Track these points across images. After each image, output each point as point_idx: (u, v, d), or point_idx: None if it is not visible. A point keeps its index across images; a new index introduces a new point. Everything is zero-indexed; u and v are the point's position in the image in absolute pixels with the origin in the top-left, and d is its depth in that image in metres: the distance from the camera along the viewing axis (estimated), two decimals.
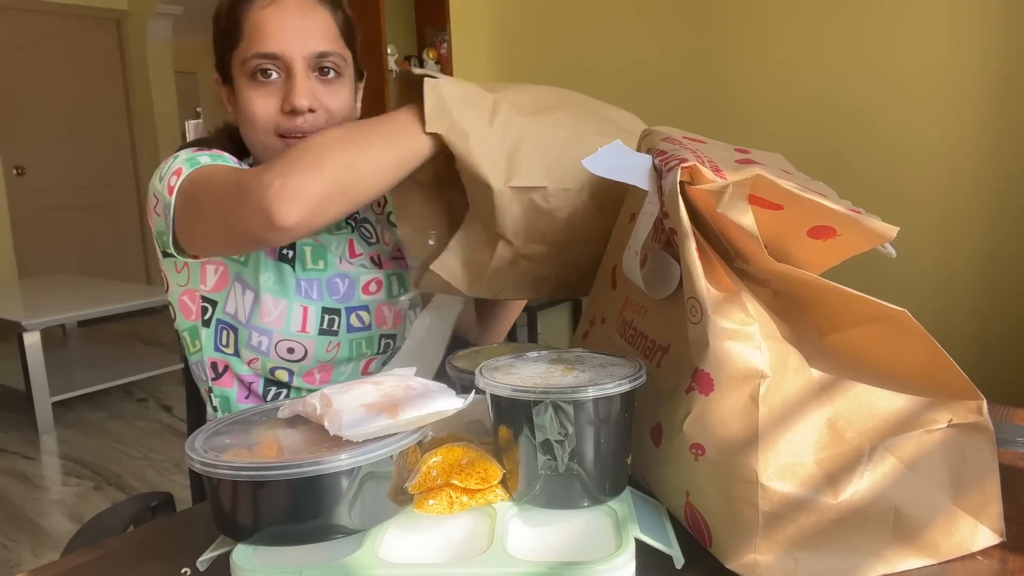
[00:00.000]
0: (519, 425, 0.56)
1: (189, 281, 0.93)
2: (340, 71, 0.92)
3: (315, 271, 0.94)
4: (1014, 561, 0.53)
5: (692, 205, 0.57)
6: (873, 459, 0.52)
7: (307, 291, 0.93)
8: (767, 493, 0.50)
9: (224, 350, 0.94)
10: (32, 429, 3.20)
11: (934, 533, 0.53)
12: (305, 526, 0.51)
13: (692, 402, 0.54)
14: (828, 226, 0.56)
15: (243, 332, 0.92)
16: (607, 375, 0.57)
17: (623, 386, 0.54)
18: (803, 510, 0.51)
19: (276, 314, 0.91)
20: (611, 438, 0.56)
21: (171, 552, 0.60)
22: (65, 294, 3.67)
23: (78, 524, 2.39)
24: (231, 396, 0.96)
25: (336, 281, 0.96)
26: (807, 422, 0.53)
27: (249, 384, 0.95)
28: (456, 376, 0.74)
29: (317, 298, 0.93)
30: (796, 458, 0.51)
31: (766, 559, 0.51)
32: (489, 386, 0.56)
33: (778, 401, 0.52)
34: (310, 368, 0.94)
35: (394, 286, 1.02)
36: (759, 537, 0.51)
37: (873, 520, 0.52)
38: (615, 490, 0.57)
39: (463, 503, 0.56)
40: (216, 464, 0.51)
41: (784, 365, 0.54)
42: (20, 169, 5.10)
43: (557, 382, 0.56)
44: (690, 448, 0.54)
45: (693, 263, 0.54)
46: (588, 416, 0.54)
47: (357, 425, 0.52)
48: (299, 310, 0.91)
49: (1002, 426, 0.76)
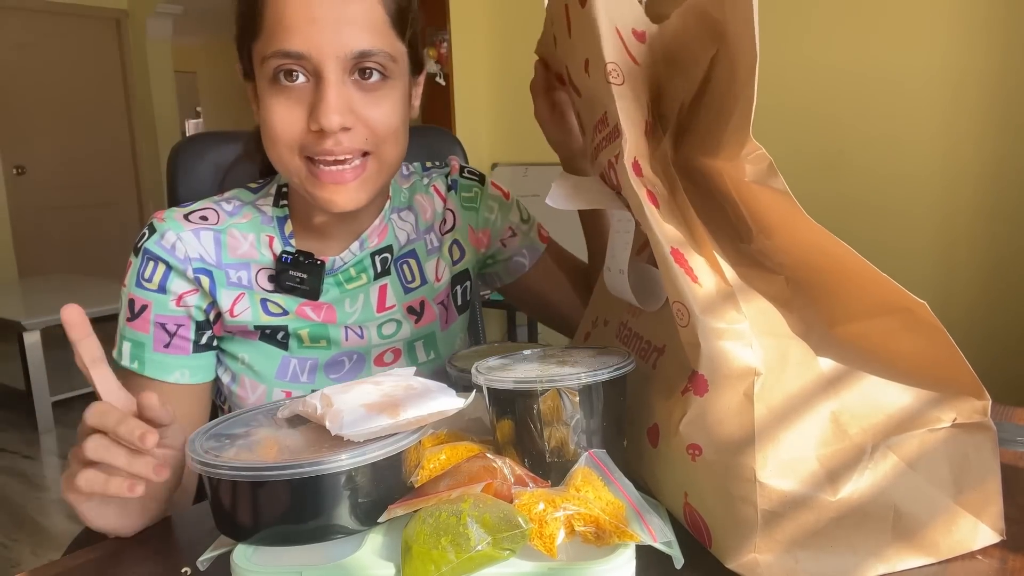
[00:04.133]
0: (522, 417, 0.57)
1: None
2: (387, 73, 0.71)
3: (314, 349, 0.80)
4: (1014, 560, 0.53)
5: (703, 179, 0.57)
6: (875, 457, 0.52)
7: (296, 373, 0.79)
8: (766, 491, 0.50)
9: (221, 405, 0.86)
10: (32, 429, 3.20)
11: (934, 532, 0.53)
12: (305, 526, 0.51)
13: (688, 403, 0.54)
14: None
15: (225, 410, 0.84)
16: (601, 363, 0.59)
17: (622, 369, 0.58)
18: (802, 508, 0.51)
19: (254, 399, 0.79)
20: (611, 421, 0.59)
21: (171, 552, 0.60)
22: (65, 294, 3.67)
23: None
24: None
25: (341, 360, 0.82)
26: (810, 417, 0.52)
27: None
28: (456, 376, 0.74)
29: (308, 381, 0.80)
30: (796, 454, 0.51)
31: (766, 558, 0.51)
32: (491, 382, 0.57)
33: (777, 397, 0.52)
34: None
35: (418, 353, 0.86)
36: (758, 536, 0.51)
37: (873, 519, 0.52)
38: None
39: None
40: (216, 464, 0.51)
41: (783, 360, 0.53)
42: (20, 169, 5.10)
43: (557, 372, 0.58)
44: (687, 449, 0.54)
45: (670, 267, 0.54)
46: (591, 400, 0.57)
47: (358, 425, 0.52)
48: (281, 396, 0.78)
49: (1002, 425, 0.76)
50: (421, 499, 0.52)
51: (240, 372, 0.80)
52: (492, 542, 0.47)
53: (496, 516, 0.48)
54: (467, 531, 0.47)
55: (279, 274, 0.78)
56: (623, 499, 0.53)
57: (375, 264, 0.83)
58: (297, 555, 0.52)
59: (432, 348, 0.88)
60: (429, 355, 0.87)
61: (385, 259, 0.84)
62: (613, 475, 0.55)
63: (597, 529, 0.51)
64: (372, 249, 0.83)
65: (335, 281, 0.81)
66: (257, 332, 0.79)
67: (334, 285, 0.81)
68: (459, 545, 0.47)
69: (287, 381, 0.79)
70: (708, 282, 0.54)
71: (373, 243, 0.83)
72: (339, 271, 0.81)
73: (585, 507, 0.51)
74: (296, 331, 0.79)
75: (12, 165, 5.05)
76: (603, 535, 0.50)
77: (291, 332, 0.79)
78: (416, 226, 0.88)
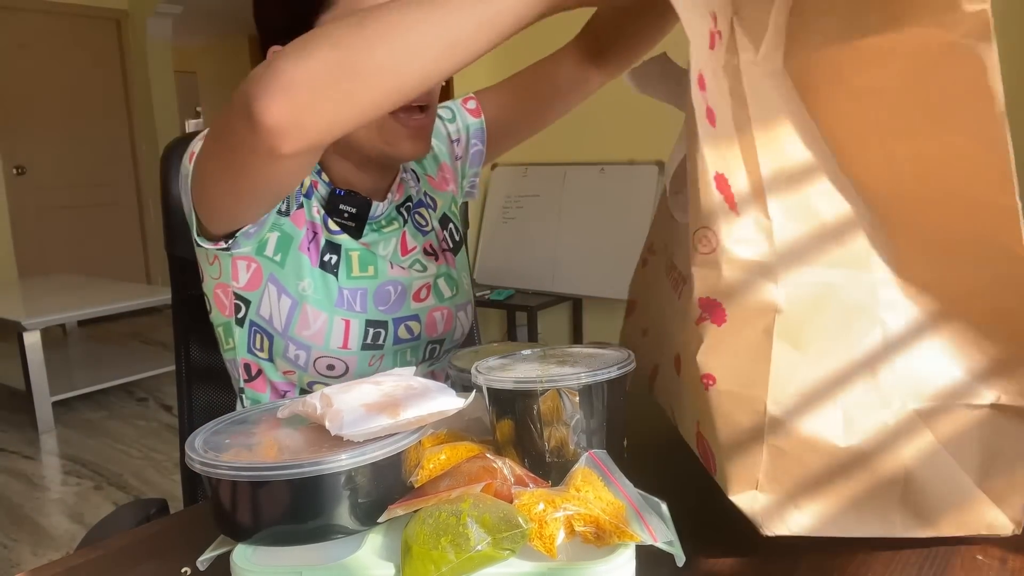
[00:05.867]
0: (522, 417, 0.57)
1: (221, 275, 0.84)
2: None
3: (363, 279, 0.86)
4: (1014, 561, 0.53)
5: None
6: (901, 418, 0.50)
7: (350, 302, 0.84)
8: (775, 426, 0.49)
9: (258, 354, 0.87)
10: (32, 429, 3.20)
11: (946, 508, 0.52)
12: (305, 526, 0.51)
13: (704, 332, 0.52)
14: None
15: (279, 342, 0.84)
16: (601, 363, 0.59)
17: (623, 369, 0.58)
18: (811, 450, 0.50)
19: (316, 328, 0.83)
20: (612, 421, 0.59)
21: (171, 552, 0.60)
22: (65, 294, 3.67)
23: (78, 524, 2.39)
24: (263, 400, 0.90)
25: (387, 289, 0.87)
26: (843, 365, 0.50)
27: (284, 392, 0.89)
28: (456, 376, 0.74)
29: (361, 310, 0.84)
30: (815, 395, 0.50)
31: (766, 497, 0.50)
32: (491, 382, 0.57)
33: (807, 338, 0.50)
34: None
35: (443, 289, 0.94)
36: (762, 473, 0.50)
37: (883, 480, 0.51)
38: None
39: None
40: (216, 464, 0.51)
41: (821, 303, 0.50)
42: (20, 169, 5.10)
43: (557, 372, 0.58)
44: (702, 379, 0.52)
45: (710, 193, 0.50)
46: (591, 400, 0.57)
47: (358, 425, 0.52)
48: (341, 324, 0.83)
49: None
50: (421, 499, 0.52)
51: (303, 300, 0.83)
52: (492, 542, 0.47)
53: (496, 516, 0.48)
54: (467, 531, 0.47)
55: (332, 205, 0.85)
56: (623, 499, 0.53)
57: (401, 214, 0.93)
58: (297, 555, 0.52)
59: (452, 284, 0.95)
60: (452, 291, 0.95)
61: (408, 208, 0.95)
62: (613, 475, 0.55)
63: (597, 529, 0.51)
64: (397, 202, 0.93)
65: (372, 227, 0.90)
66: (318, 252, 0.84)
67: (372, 230, 0.90)
68: (459, 545, 0.47)
69: (344, 309, 0.84)
70: (748, 211, 0.52)
71: (397, 197, 0.93)
72: (375, 220, 0.90)
73: (585, 507, 0.51)
74: (349, 251, 0.85)
75: (12, 165, 5.05)
76: (603, 535, 0.50)
77: (344, 252, 0.85)
78: (417, 181, 0.99)
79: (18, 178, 5.08)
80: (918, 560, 0.53)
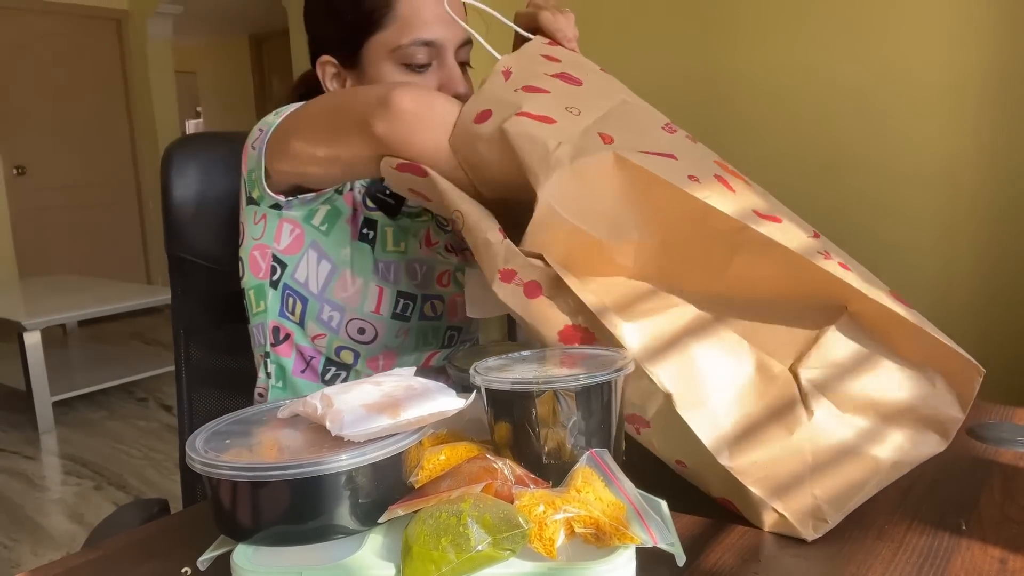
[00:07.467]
0: (520, 418, 0.56)
1: (263, 235, 0.89)
2: (468, 57, 0.91)
3: (396, 253, 0.93)
4: (1014, 561, 0.53)
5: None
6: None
7: (384, 273, 0.91)
8: (724, 454, 0.59)
9: (290, 317, 0.91)
10: (32, 429, 3.20)
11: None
12: (305, 526, 0.51)
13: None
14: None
15: (313, 304, 0.89)
16: (598, 364, 0.59)
17: (621, 370, 0.58)
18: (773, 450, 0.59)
19: (353, 290, 0.89)
20: (609, 423, 0.59)
21: (171, 552, 0.60)
22: (65, 294, 3.67)
23: (78, 524, 2.39)
24: (287, 366, 0.93)
25: (415, 266, 0.94)
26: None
27: (309, 359, 0.93)
28: (456, 376, 0.74)
29: (394, 281, 0.91)
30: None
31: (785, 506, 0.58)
32: (489, 383, 0.57)
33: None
34: (376, 354, 0.92)
35: (462, 281, 1.00)
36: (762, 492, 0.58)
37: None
38: None
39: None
40: (216, 464, 0.51)
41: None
42: (20, 169, 5.10)
43: (555, 373, 0.57)
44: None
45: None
46: (588, 402, 0.56)
47: (358, 425, 0.52)
48: (375, 290, 0.90)
49: (1002, 426, 0.76)
50: (421, 499, 0.52)
51: (343, 266, 0.89)
52: (492, 542, 0.47)
53: (496, 516, 0.48)
54: (467, 531, 0.47)
55: (373, 187, 0.93)
56: (624, 500, 0.53)
57: (428, 210, 0.97)
58: (297, 555, 0.52)
59: (458, 284, 1.00)
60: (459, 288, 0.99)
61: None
62: (614, 475, 0.55)
63: (597, 531, 0.51)
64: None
65: (406, 213, 0.95)
66: (358, 227, 0.90)
67: (405, 216, 0.95)
68: (459, 545, 0.47)
69: (379, 278, 0.91)
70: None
71: None
72: (409, 208, 0.96)
73: (585, 509, 0.51)
74: (384, 227, 0.92)
75: (12, 165, 5.05)
76: (603, 536, 0.50)
77: (380, 228, 0.92)
78: None
79: (18, 178, 5.08)
80: (918, 560, 0.54)
